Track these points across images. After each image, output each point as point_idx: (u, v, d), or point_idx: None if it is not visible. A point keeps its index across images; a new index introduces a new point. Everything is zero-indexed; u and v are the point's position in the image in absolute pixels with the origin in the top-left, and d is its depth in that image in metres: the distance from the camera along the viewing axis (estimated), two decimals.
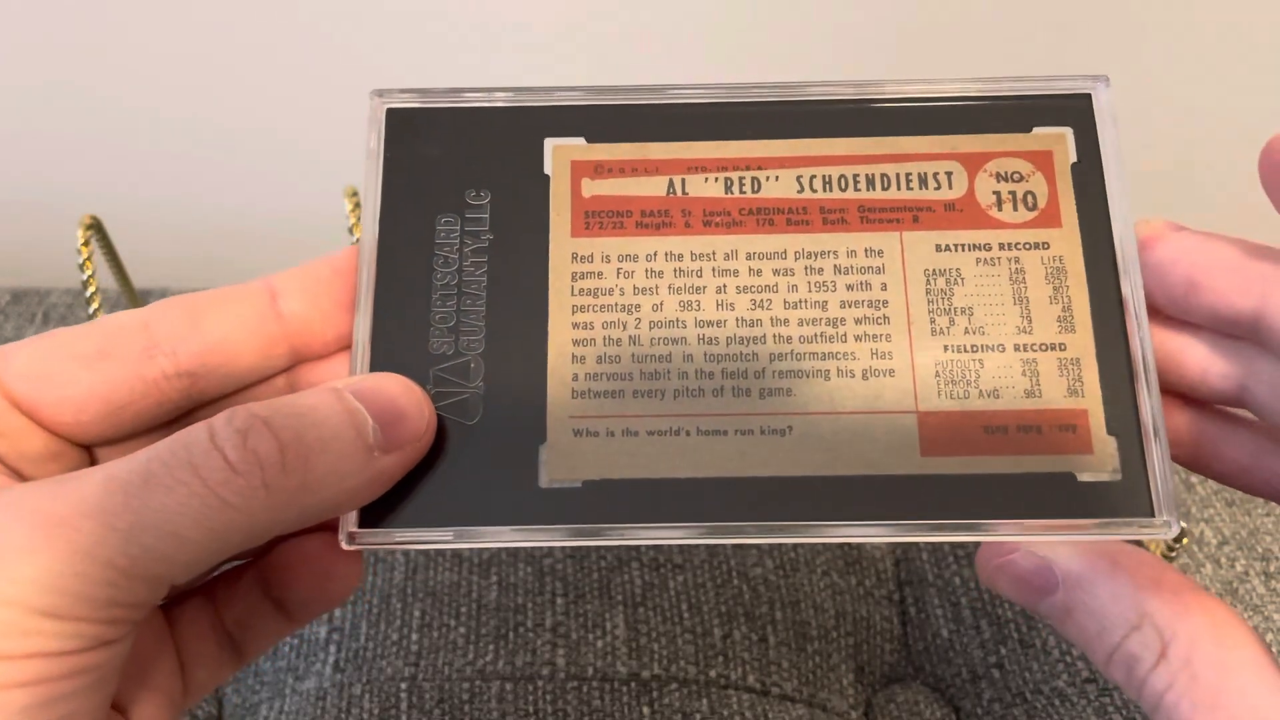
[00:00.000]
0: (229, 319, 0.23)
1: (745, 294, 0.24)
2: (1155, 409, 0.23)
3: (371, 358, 0.24)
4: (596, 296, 0.24)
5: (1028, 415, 0.23)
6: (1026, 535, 0.22)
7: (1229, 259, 0.23)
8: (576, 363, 0.24)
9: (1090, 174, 0.25)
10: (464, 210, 0.25)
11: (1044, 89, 0.25)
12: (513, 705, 0.34)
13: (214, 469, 0.19)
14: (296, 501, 0.20)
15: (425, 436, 0.23)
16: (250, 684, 0.36)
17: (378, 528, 0.23)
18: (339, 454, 0.21)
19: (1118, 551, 0.22)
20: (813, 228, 0.25)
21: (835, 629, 0.37)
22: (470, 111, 0.26)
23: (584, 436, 0.23)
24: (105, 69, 0.49)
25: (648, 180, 0.25)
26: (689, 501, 0.23)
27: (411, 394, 0.23)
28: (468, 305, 0.24)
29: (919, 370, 0.24)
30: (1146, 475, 0.23)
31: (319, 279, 0.24)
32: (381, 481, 0.22)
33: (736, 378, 0.24)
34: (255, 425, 0.20)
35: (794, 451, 0.23)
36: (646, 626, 0.36)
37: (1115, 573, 0.21)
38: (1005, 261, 0.24)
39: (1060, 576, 0.22)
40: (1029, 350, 0.24)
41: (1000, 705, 0.36)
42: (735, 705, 0.34)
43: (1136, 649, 0.21)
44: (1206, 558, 0.39)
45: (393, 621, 0.36)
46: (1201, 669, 0.20)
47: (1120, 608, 0.21)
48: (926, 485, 0.23)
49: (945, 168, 0.25)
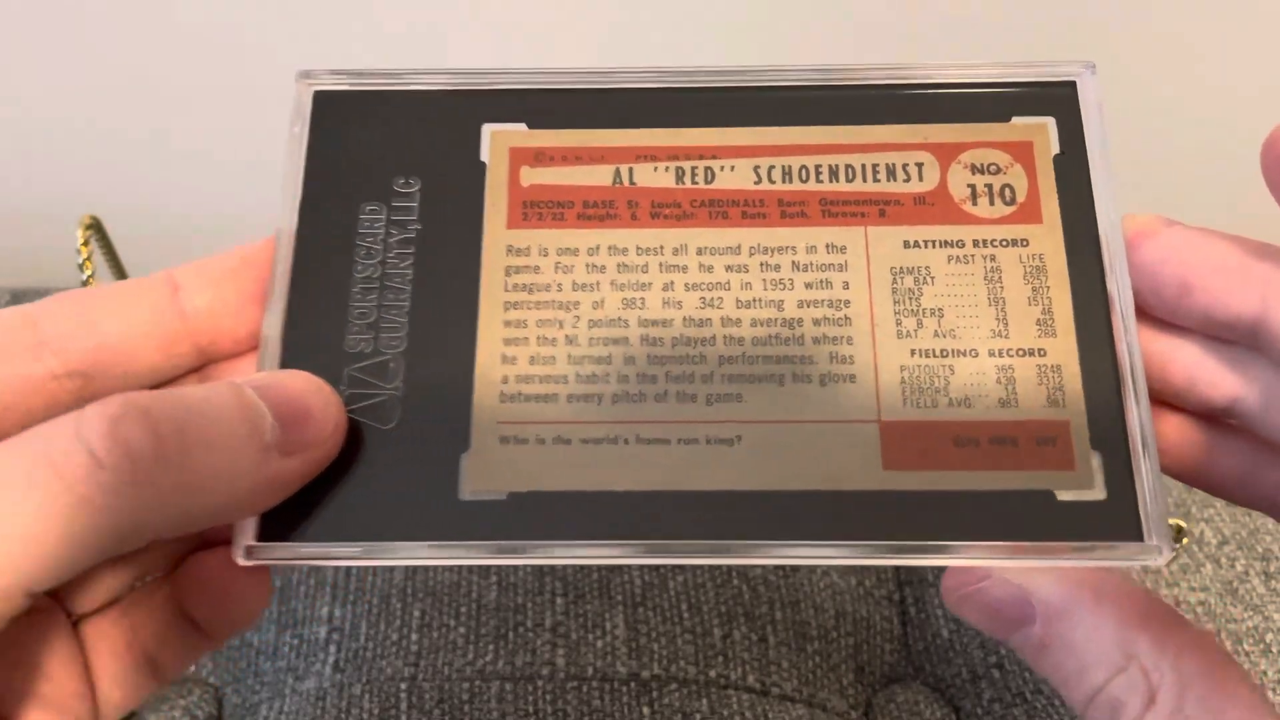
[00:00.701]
0: (123, 315, 0.21)
1: (694, 291, 0.22)
2: (1145, 421, 0.21)
3: (282, 355, 0.22)
4: (532, 293, 0.22)
5: (1002, 426, 0.21)
6: (999, 559, 0.20)
7: (1226, 258, 0.21)
8: (507, 364, 0.22)
9: (1074, 166, 0.23)
10: (391, 199, 0.23)
11: (1025, 76, 0.23)
12: (512, 705, 0.33)
13: (75, 463, 0.17)
14: (174, 501, 0.18)
15: (331, 440, 0.20)
16: (250, 684, 0.36)
17: (279, 541, 0.21)
18: (228, 452, 0.19)
19: (1101, 580, 0.20)
20: (770, 221, 0.23)
21: (835, 629, 0.37)
22: (404, 95, 0.24)
23: (511, 444, 0.21)
24: (105, 69, 0.48)
25: (592, 169, 0.23)
26: (624, 517, 0.21)
27: (319, 393, 0.21)
28: (390, 300, 0.22)
29: (882, 376, 0.21)
30: (1134, 494, 0.20)
31: (226, 270, 0.22)
32: (277, 486, 0.20)
33: (682, 382, 0.22)
34: (130, 413, 0.18)
35: (742, 463, 0.21)
36: (646, 626, 0.35)
37: (1099, 605, 0.19)
38: (980, 259, 0.22)
39: (1037, 607, 0.19)
40: (1005, 355, 0.21)
41: (1000, 705, 0.35)
42: (735, 705, 0.34)
43: (1122, 693, 0.18)
44: (1206, 557, 0.38)
45: (392, 621, 0.35)
46: (1194, 716, 0.18)
47: (1104, 645, 0.19)
48: (888, 501, 0.20)
49: (916, 159, 0.23)
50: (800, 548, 0.20)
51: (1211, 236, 0.21)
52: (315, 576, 0.36)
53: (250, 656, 0.36)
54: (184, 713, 0.34)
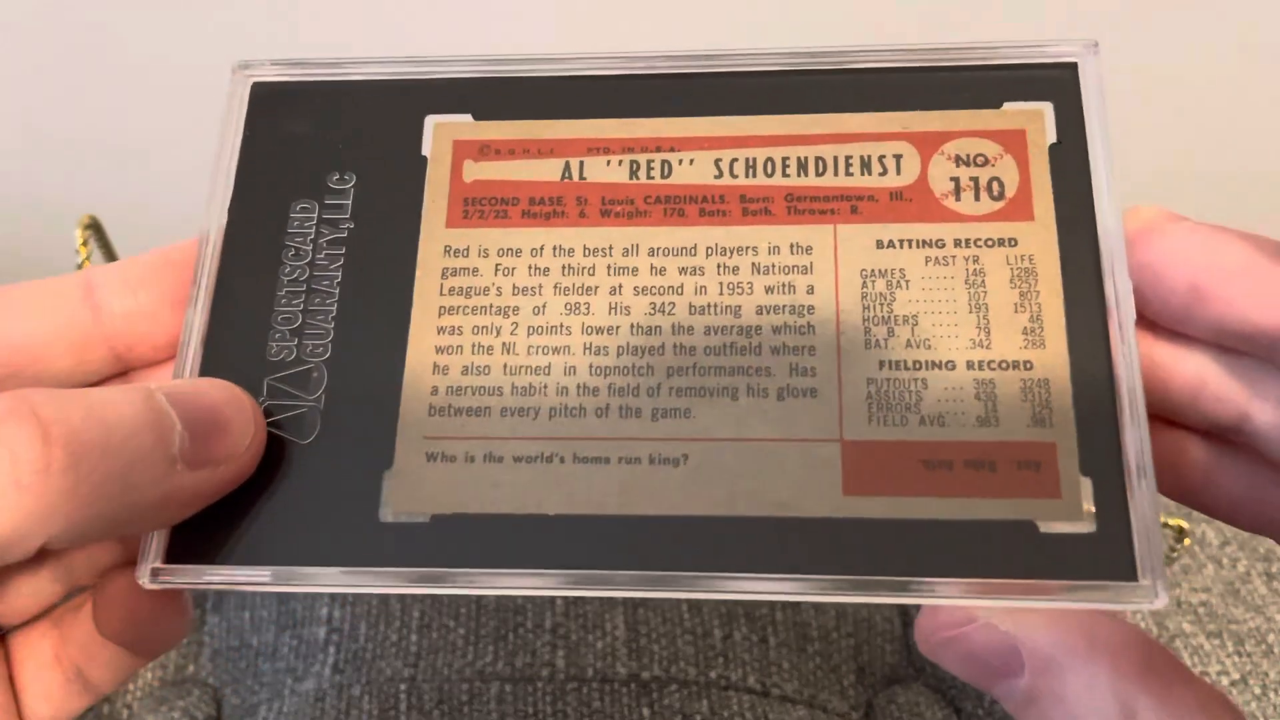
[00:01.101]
0: (32, 316, 0.20)
1: (644, 296, 0.20)
2: (1143, 444, 0.18)
3: (202, 360, 0.20)
4: (469, 296, 0.21)
5: (980, 448, 0.19)
6: (972, 599, 0.18)
7: (1244, 261, 0.18)
8: (438, 373, 0.20)
9: (1071, 158, 0.20)
10: (324, 195, 0.21)
11: (1019, 57, 0.21)
12: (512, 706, 0.33)
13: None
14: (64, 510, 0.17)
15: (247, 456, 0.19)
16: (249, 685, 0.35)
17: (187, 564, 0.19)
18: (127, 460, 0.17)
19: (1096, 626, 0.17)
20: (730, 219, 0.21)
21: (836, 630, 0.36)
22: (345, 85, 0.22)
23: (438, 461, 0.19)
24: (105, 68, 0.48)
25: (541, 163, 0.21)
26: (556, 544, 0.19)
27: (238, 404, 0.19)
28: (316, 304, 0.21)
29: (847, 390, 0.19)
30: (1128, 527, 0.18)
31: (146, 272, 0.21)
32: (184, 501, 0.18)
33: (626, 395, 0.20)
34: (18, 412, 0.16)
35: (688, 485, 0.19)
36: (646, 627, 0.35)
37: (1093, 655, 0.17)
38: (961, 261, 0.20)
39: (1026, 657, 0.17)
40: (985, 368, 0.19)
41: (1002, 707, 0.32)
42: (735, 706, 0.33)
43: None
44: (1208, 558, 0.37)
45: (392, 622, 0.35)
46: None
47: (1099, 701, 0.17)
48: (848, 531, 0.18)
49: (893, 149, 0.21)
50: (747, 581, 0.18)
51: (1226, 235, 0.19)
52: None
53: (249, 657, 0.36)
54: (183, 713, 0.34)
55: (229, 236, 0.21)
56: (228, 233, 0.21)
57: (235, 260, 0.21)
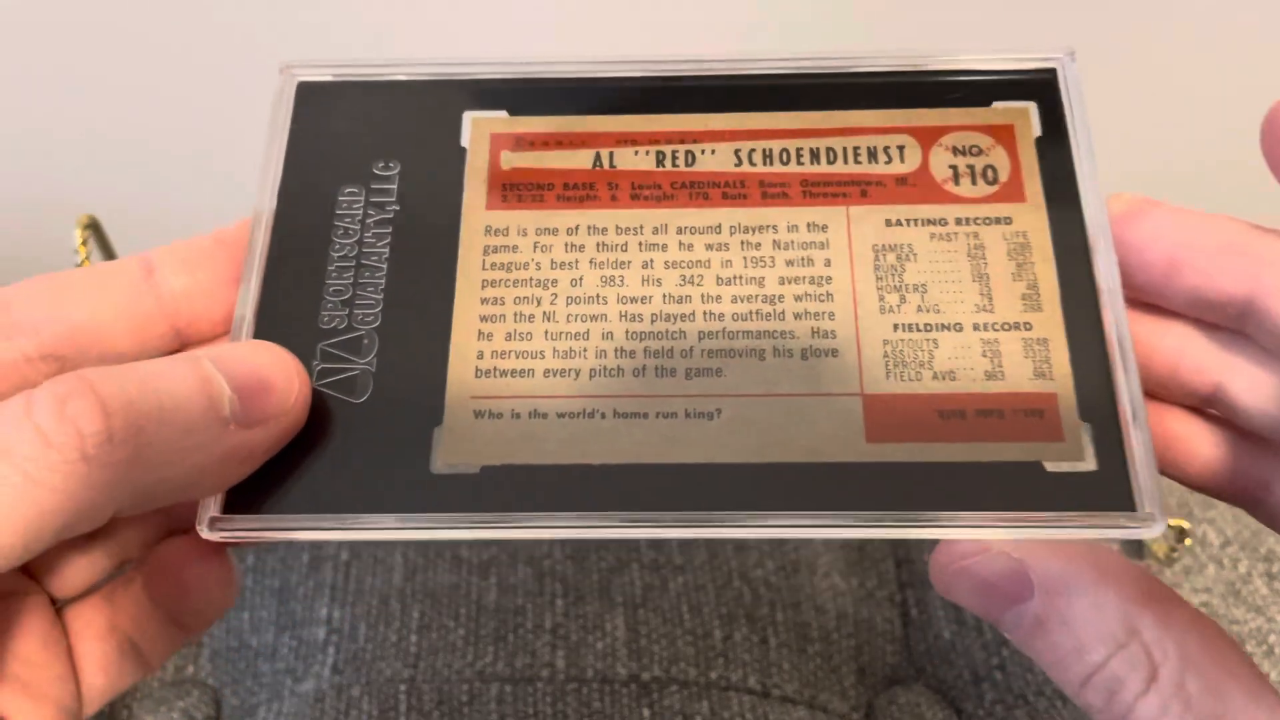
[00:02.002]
0: (96, 297, 0.21)
1: (674, 269, 0.22)
2: (1134, 391, 0.20)
3: (255, 330, 0.22)
4: (510, 271, 0.22)
5: (988, 399, 0.20)
6: (987, 530, 0.19)
7: (1216, 238, 0.20)
8: (483, 340, 0.21)
9: (1056, 149, 0.23)
10: (370, 181, 0.23)
11: (1005, 63, 0.24)
12: (512, 707, 0.33)
13: (22, 443, 0.17)
14: (129, 478, 0.18)
15: (295, 411, 0.20)
16: (249, 685, 0.35)
17: (244, 514, 0.20)
18: (184, 426, 0.18)
19: (1101, 557, 0.19)
20: (750, 201, 0.23)
21: (836, 631, 0.36)
22: (385, 84, 0.24)
23: (485, 418, 0.21)
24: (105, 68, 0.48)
25: (572, 154, 0.23)
26: (600, 490, 0.20)
27: (282, 364, 0.20)
28: (366, 278, 0.22)
29: (865, 350, 0.21)
30: (1126, 464, 0.20)
31: (202, 252, 0.22)
32: (240, 459, 0.19)
33: (661, 357, 0.21)
34: (79, 389, 0.17)
35: (722, 436, 0.20)
36: (647, 628, 0.35)
37: (1100, 580, 0.18)
38: (963, 237, 0.22)
39: (1036, 582, 0.19)
40: (990, 329, 0.21)
41: (1002, 707, 0.35)
42: (736, 707, 0.33)
43: (1122, 670, 0.18)
44: (1209, 559, 0.37)
45: (391, 623, 0.35)
46: (1196, 694, 0.17)
47: (1105, 622, 0.18)
48: (872, 474, 0.20)
49: (897, 141, 0.23)
50: (779, 518, 0.20)
51: (1200, 216, 0.21)
52: (314, 578, 0.36)
53: (249, 658, 0.36)
54: (182, 714, 0.34)
55: (279, 218, 0.23)
56: (277, 215, 0.23)
57: (286, 240, 0.22)
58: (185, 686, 0.35)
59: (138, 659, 0.22)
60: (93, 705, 0.22)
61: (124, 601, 0.22)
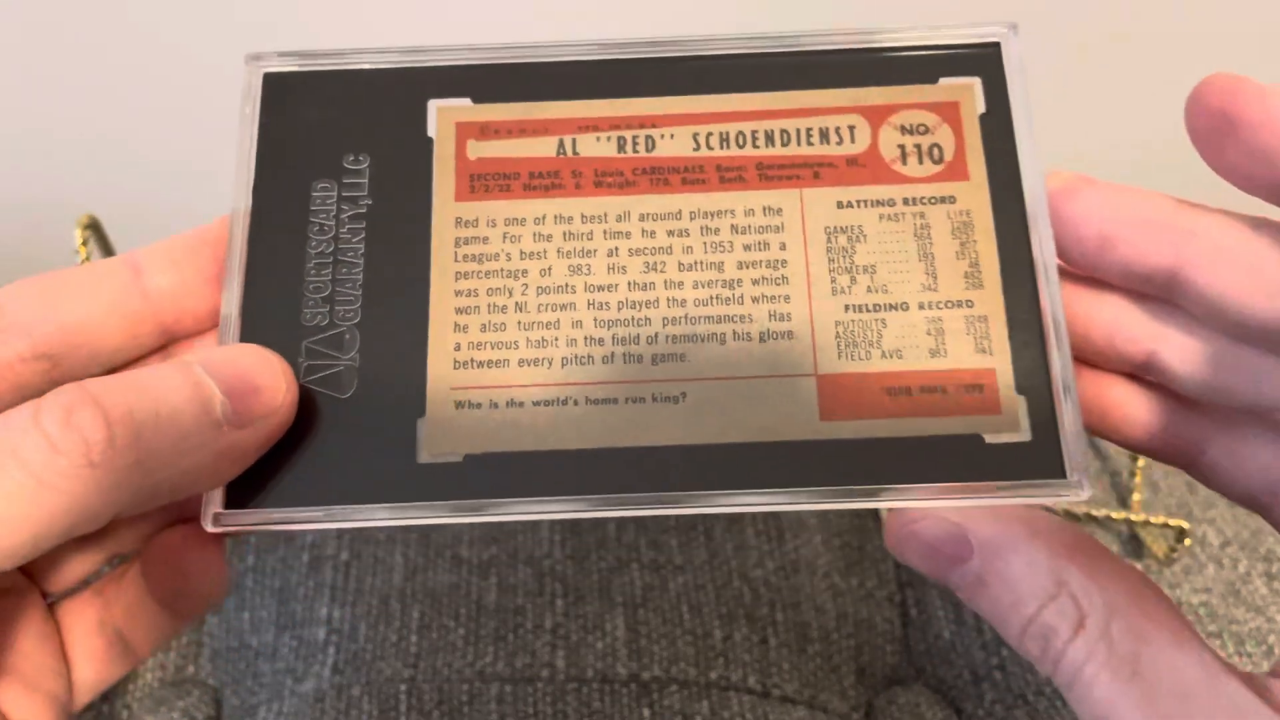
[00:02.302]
0: (87, 297, 0.22)
1: (638, 256, 0.23)
2: (1066, 366, 0.22)
3: (241, 330, 0.23)
4: (481, 263, 0.23)
5: (932, 375, 0.22)
6: (931, 500, 0.21)
7: (1144, 213, 0.22)
8: (459, 331, 0.23)
9: (999, 126, 0.24)
10: (341, 175, 0.24)
11: (951, 38, 0.24)
12: (512, 707, 0.33)
13: (33, 449, 0.18)
14: (130, 481, 0.19)
15: (283, 410, 0.21)
16: (249, 686, 0.36)
17: (244, 508, 0.21)
18: (179, 430, 0.19)
19: (1032, 517, 0.21)
20: (709, 186, 0.24)
21: (836, 630, 0.37)
22: (351, 74, 0.25)
23: (466, 408, 0.22)
24: (105, 68, 0.48)
25: (537, 141, 0.24)
26: (576, 474, 0.22)
27: (268, 365, 0.21)
28: (344, 274, 0.23)
29: (818, 331, 0.22)
30: (1057, 435, 0.21)
31: (186, 250, 0.23)
32: (233, 458, 0.21)
33: (628, 343, 0.22)
34: (82, 400, 0.19)
35: (687, 418, 0.22)
36: (647, 628, 0.35)
37: (1031, 539, 0.20)
38: (910, 217, 0.23)
39: (975, 544, 0.21)
40: (934, 308, 0.23)
41: (1002, 707, 0.35)
42: (736, 707, 0.34)
43: (1053, 620, 0.20)
44: (1209, 559, 0.38)
45: (392, 623, 0.35)
46: (1120, 638, 0.19)
47: (1037, 576, 0.20)
48: (826, 450, 0.22)
49: (848, 122, 0.24)
50: (744, 496, 0.21)
51: (1131, 192, 0.22)
52: (314, 578, 0.36)
53: (249, 658, 0.36)
54: (182, 714, 0.35)
55: (255, 216, 0.23)
56: (253, 212, 0.23)
57: (264, 237, 0.23)
58: (185, 686, 0.36)
59: (126, 651, 0.24)
60: (83, 697, 0.23)
61: (114, 595, 0.24)
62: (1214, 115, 0.20)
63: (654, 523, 0.37)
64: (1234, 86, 0.20)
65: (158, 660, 0.36)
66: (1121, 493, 0.40)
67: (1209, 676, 0.19)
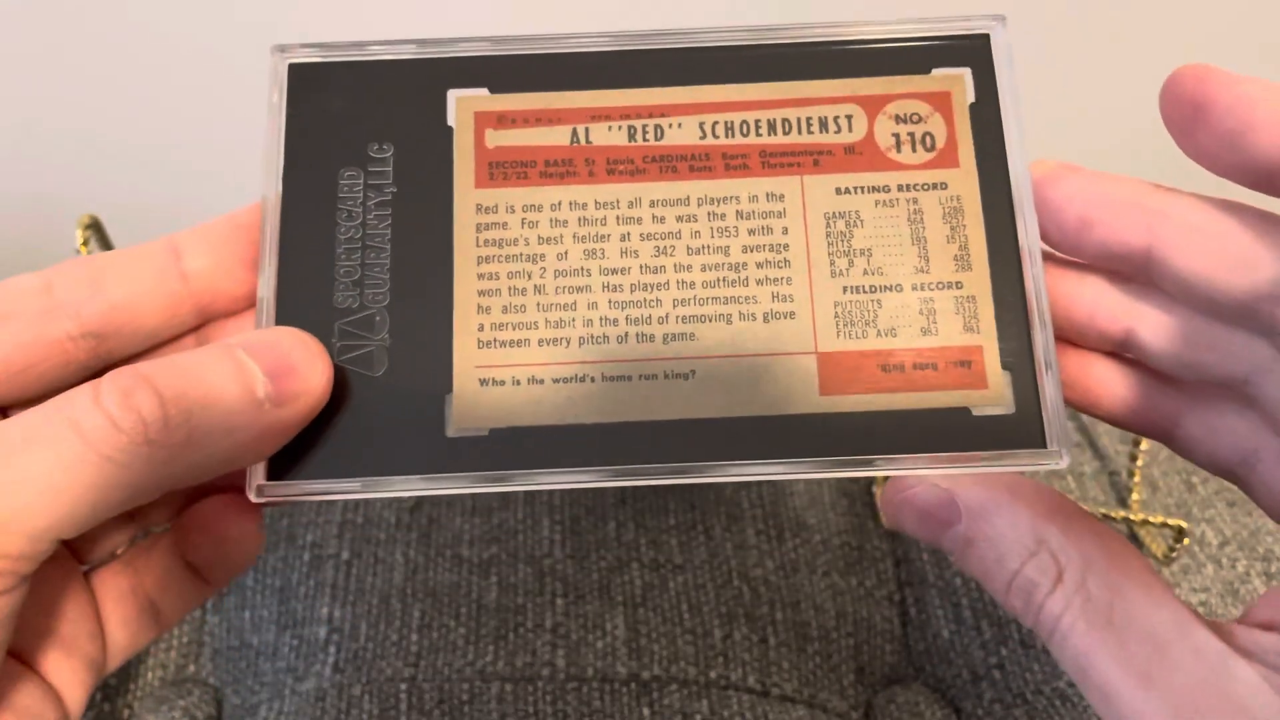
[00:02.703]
0: (131, 279, 0.24)
1: (649, 241, 0.25)
2: (1048, 344, 0.23)
3: (276, 313, 0.24)
4: (501, 247, 0.25)
5: (924, 353, 0.24)
6: (923, 469, 0.23)
7: (1120, 196, 0.23)
8: (482, 313, 0.24)
9: (988, 114, 0.25)
10: (367, 164, 0.25)
11: (943, 30, 0.26)
12: (512, 706, 0.34)
13: (96, 426, 0.19)
14: (182, 457, 0.20)
15: (319, 388, 0.23)
16: (250, 685, 0.36)
17: (284, 480, 0.23)
18: (225, 409, 0.21)
19: (1015, 483, 0.22)
20: (715, 174, 0.25)
21: (836, 630, 0.37)
22: (373, 64, 0.26)
23: (490, 386, 0.24)
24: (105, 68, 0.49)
25: (551, 130, 0.25)
26: (594, 446, 0.23)
27: (306, 347, 0.23)
28: (372, 259, 0.24)
29: (818, 311, 0.24)
30: (1039, 408, 0.23)
31: (221, 235, 0.24)
32: (275, 434, 0.22)
33: (640, 324, 0.24)
34: (139, 383, 0.20)
35: (696, 394, 0.23)
36: (647, 627, 0.36)
37: (1014, 502, 0.22)
38: (904, 203, 0.25)
39: (962, 508, 0.22)
40: (926, 289, 0.24)
41: (1001, 706, 0.36)
42: (735, 706, 0.34)
43: (1034, 575, 0.21)
44: (1208, 558, 0.38)
45: (392, 622, 0.36)
46: (1095, 590, 0.21)
47: (1019, 535, 0.22)
48: (825, 423, 0.23)
49: (845, 111, 0.25)
50: (748, 466, 0.23)
51: (1108, 178, 0.24)
52: (315, 577, 0.37)
53: (250, 657, 0.36)
54: (183, 713, 0.35)
55: (286, 202, 0.25)
56: (284, 199, 0.25)
57: (295, 224, 0.25)
58: (186, 685, 0.36)
59: (157, 617, 0.25)
60: (115, 661, 0.25)
61: (145, 565, 0.25)
62: (1185, 103, 0.22)
63: (654, 522, 0.38)
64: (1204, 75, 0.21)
65: (159, 659, 0.37)
66: (1120, 492, 0.41)
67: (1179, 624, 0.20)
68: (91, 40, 0.47)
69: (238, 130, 0.45)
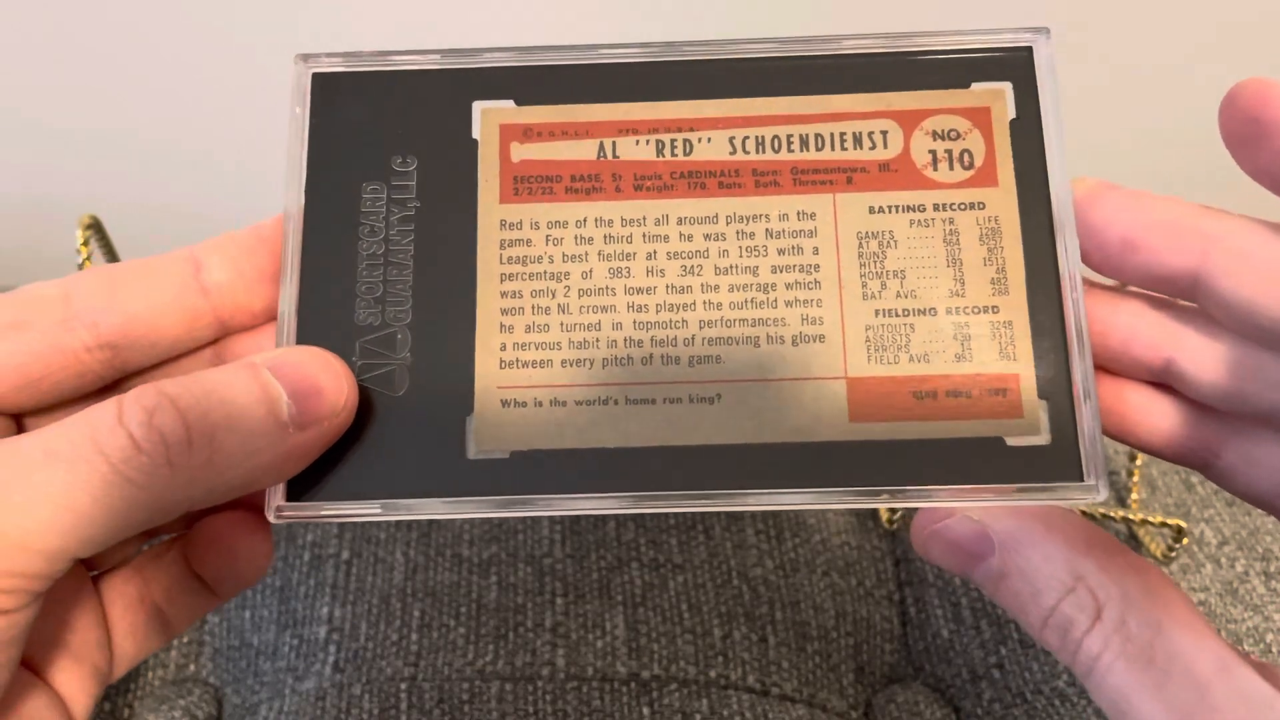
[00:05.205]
0: (150, 290, 0.23)
1: (675, 260, 0.24)
2: (1087, 373, 0.23)
3: (298, 330, 0.24)
4: (525, 265, 0.24)
5: (957, 380, 0.23)
6: (955, 501, 0.22)
7: (1166, 218, 0.22)
8: (504, 332, 0.24)
9: (1029, 131, 0.24)
10: (390, 178, 0.25)
11: (983, 43, 0.25)
12: (512, 705, 0.34)
13: (118, 446, 0.19)
14: (203, 479, 0.20)
15: (344, 412, 0.22)
16: (250, 684, 0.36)
17: (303, 501, 0.23)
18: (248, 431, 0.21)
19: (1050, 515, 0.22)
20: (745, 190, 0.24)
21: (835, 629, 0.37)
22: (398, 75, 0.25)
23: (512, 407, 0.23)
24: (105, 68, 0.48)
25: (578, 144, 0.25)
26: (616, 471, 0.23)
27: (330, 368, 0.22)
28: (394, 275, 0.24)
29: (849, 335, 0.23)
30: (1076, 439, 0.22)
31: (243, 248, 0.24)
32: (297, 457, 0.22)
33: (666, 345, 0.23)
34: (162, 403, 0.20)
35: (722, 419, 0.23)
36: (646, 627, 0.35)
37: (1049, 535, 0.21)
38: (939, 223, 0.24)
39: (995, 540, 0.22)
40: (961, 314, 0.23)
41: (1000, 705, 0.36)
42: (735, 705, 0.34)
43: (1071, 611, 0.21)
44: (1207, 558, 0.38)
45: (392, 622, 0.36)
46: (1135, 629, 0.20)
47: (1055, 570, 0.21)
48: (855, 451, 0.23)
49: (880, 126, 0.25)
50: (774, 495, 0.22)
51: (1153, 198, 0.23)
52: (315, 577, 0.37)
53: (250, 657, 0.36)
54: (184, 713, 0.35)
55: (308, 216, 0.24)
56: (306, 212, 0.24)
57: (317, 238, 0.24)
58: (187, 685, 0.36)
59: (164, 626, 0.25)
60: (120, 669, 0.25)
61: (154, 574, 0.25)
62: (1246, 119, 0.21)
63: (653, 522, 0.38)
64: (1265, 91, 0.21)
65: (159, 659, 0.37)
66: (1120, 492, 0.40)
67: (1222, 666, 0.20)
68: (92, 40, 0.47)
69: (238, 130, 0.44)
